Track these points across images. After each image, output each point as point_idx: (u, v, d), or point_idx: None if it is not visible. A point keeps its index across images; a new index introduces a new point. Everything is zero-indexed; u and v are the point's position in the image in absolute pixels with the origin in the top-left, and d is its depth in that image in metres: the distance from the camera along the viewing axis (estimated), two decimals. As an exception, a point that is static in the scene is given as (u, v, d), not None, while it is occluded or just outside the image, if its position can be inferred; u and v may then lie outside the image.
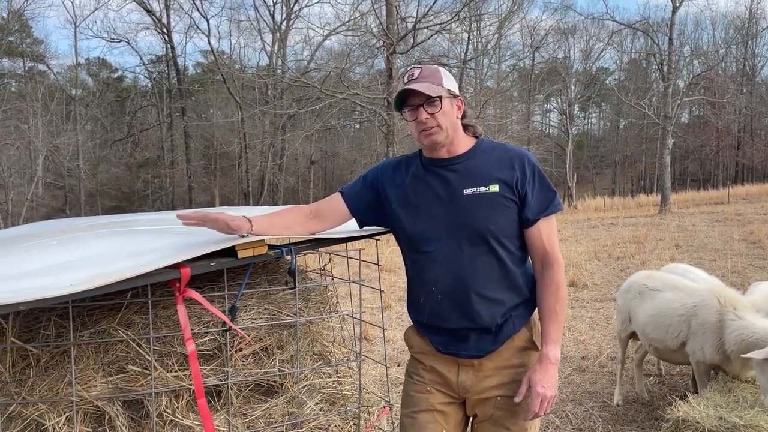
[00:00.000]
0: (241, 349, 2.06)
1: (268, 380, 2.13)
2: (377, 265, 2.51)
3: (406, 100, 1.88)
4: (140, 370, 1.93)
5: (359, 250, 2.43)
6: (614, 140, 48.44)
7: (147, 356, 1.93)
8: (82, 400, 1.88)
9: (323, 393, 2.25)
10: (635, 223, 16.68)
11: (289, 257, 2.07)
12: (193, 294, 1.88)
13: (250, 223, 1.88)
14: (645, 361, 4.63)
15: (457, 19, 22.22)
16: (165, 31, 33.07)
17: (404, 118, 1.92)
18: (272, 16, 31.54)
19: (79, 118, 33.73)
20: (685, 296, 3.74)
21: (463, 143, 1.94)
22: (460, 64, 25.56)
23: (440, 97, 1.85)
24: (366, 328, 5.90)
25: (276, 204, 26.89)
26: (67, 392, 1.87)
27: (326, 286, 2.43)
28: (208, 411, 1.90)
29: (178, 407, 1.96)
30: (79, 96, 35.60)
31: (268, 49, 33.06)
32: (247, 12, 50.54)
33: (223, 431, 1.99)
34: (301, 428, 2.12)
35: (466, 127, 1.97)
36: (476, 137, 1.98)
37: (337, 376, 2.34)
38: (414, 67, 1.94)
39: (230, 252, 1.88)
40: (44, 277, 1.67)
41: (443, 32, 23.06)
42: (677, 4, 22.37)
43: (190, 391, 1.96)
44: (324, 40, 28.87)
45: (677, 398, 3.34)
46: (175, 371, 1.94)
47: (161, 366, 1.94)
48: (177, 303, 1.86)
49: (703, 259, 9.89)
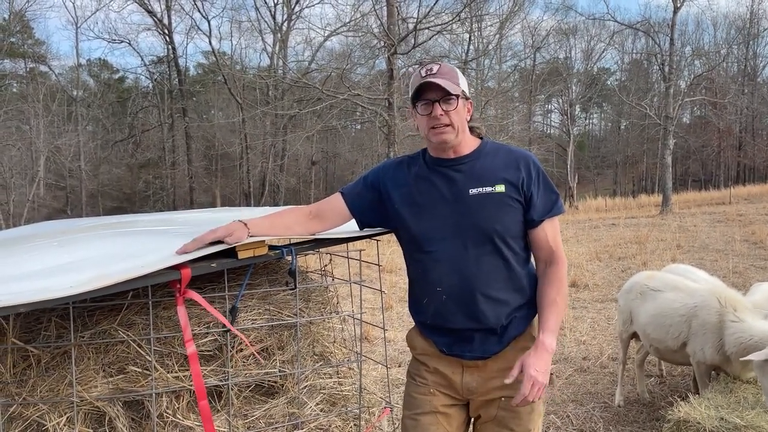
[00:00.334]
0: (241, 350, 2.06)
1: (269, 381, 2.13)
2: (378, 265, 2.51)
3: (421, 94, 1.85)
4: (141, 370, 1.93)
5: (360, 251, 2.43)
6: (615, 141, 48.42)
7: (147, 357, 1.93)
8: (82, 401, 1.88)
9: (324, 394, 2.25)
10: (636, 224, 16.66)
11: (289, 258, 2.07)
12: (193, 295, 1.88)
13: (246, 227, 1.87)
14: (646, 362, 4.63)
15: (458, 20, 22.25)
16: (166, 32, 33.13)
17: (416, 112, 1.89)
18: (273, 17, 31.61)
19: (80, 119, 33.79)
20: (685, 297, 3.74)
21: (468, 144, 1.94)
22: (461, 64, 25.55)
23: (457, 96, 1.84)
24: (367, 329, 5.89)
25: (277, 205, 26.88)
26: (68, 393, 1.87)
27: (327, 287, 2.43)
28: (209, 412, 1.89)
29: (178, 408, 1.96)
30: (81, 97, 35.65)
31: (269, 49, 33.16)
32: (248, 13, 50.49)
33: (224, 432, 1.99)
34: (302, 429, 2.12)
35: (471, 129, 1.97)
36: (480, 138, 1.99)
37: (338, 377, 2.34)
38: (433, 62, 1.92)
39: (231, 253, 1.88)
40: (45, 278, 1.67)
41: (444, 33, 23.09)
42: (678, 5, 22.37)
43: (190, 392, 1.96)
44: (325, 40, 28.96)
45: (678, 399, 3.34)
46: (176, 372, 1.94)
47: (162, 367, 1.94)
48: (177, 304, 1.86)
49: (705, 259, 9.87)
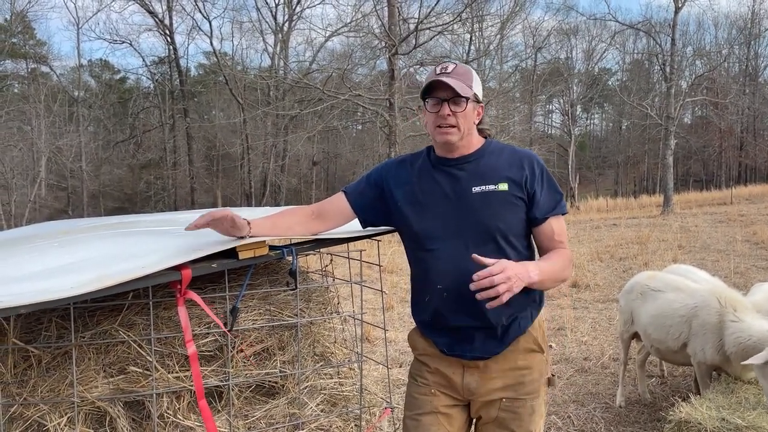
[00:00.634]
0: (241, 350, 2.06)
1: (270, 381, 2.13)
2: (379, 266, 2.51)
3: (432, 91, 1.86)
4: (141, 371, 1.93)
5: (360, 251, 2.43)
6: (617, 141, 48.40)
7: (148, 357, 1.93)
8: (83, 401, 1.88)
9: (324, 394, 2.25)
10: (638, 224, 16.64)
11: (290, 258, 2.07)
12: (193, 296, 1.88)
13: (249, 226, 1.87)
14: (648, 362, 4.62)
15: (459, 20, 22.24)
16: (167, 32, 33.16)
17: (425, 108, 1.90)
18: (274, 18, 31.64)
19: (81, 119, 33.82)
20: (686, 297, 3.73)
21: (473, 144, 1.94)
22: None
23: (467, 99, 1.84)
24: (367, 329, 5.89)
25: (278, 205, 26.91)
26: (69, 393, 1.88)
27: (327, 287, 2.43)
28: (209, 412, 1.90)
29: (179, 408, 1.96)
30: (82, 97, 35.70)
31: (270, 50, 33.21)
32: (249, 13, 50.59)
33: (224, 432, 1.99)
34: (303, 429, 2.12)
35: (480, 131, 1.98)
36: (485, 138, 1.99)
37: (339, 377, 2.34)
38: (449, 61, 1.93)
39: (231, 253, 1.88)
40: (46, 279, 1.67)
41: (445, 33, 23.05)
42: (679, 5, 22.32)
43: (191, 392, 1.96)
44: (326, 41, 28.97)
45: (679, 399, 3.34)
46: (176, 372, 1.95)
47: (162, 367, 1.94)
48: (178, 304, 1.87)
49: (706, 260, 9.86)
